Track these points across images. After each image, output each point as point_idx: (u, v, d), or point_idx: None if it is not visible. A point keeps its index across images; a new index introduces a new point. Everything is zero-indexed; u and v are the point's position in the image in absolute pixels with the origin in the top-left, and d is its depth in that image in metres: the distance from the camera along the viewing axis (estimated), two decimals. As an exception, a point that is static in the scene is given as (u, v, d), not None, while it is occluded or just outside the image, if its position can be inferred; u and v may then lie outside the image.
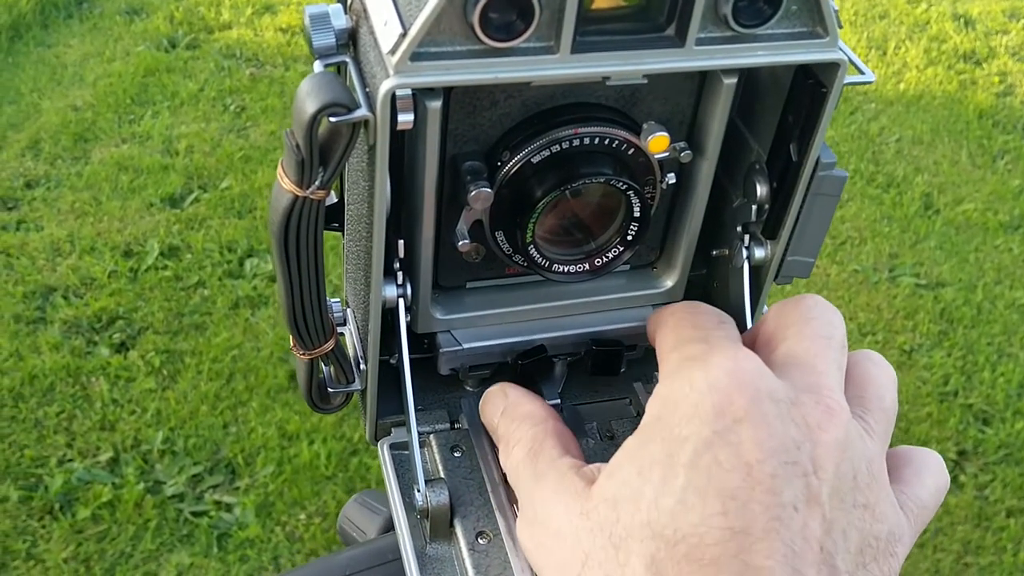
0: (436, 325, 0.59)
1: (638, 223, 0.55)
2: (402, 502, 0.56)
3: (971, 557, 1.95)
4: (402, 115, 0.47)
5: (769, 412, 0.42)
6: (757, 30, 0.47)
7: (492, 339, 0.60)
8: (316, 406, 0.57)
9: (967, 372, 2.31)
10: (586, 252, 0.57)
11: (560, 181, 0.52)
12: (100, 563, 1.82)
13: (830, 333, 0.48)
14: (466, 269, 0.58)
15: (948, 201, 2.80)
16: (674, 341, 0.48)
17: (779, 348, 0.48)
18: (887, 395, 0.48)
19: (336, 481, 1.97)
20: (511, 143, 0.52)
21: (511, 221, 0.54)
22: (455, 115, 0.51)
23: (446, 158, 0.52)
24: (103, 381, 2.14)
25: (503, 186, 0.52)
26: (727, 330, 0.49)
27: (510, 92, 0.51)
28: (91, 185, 2.64)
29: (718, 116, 0.53)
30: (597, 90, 0.52)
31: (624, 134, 0.53)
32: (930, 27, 3.55)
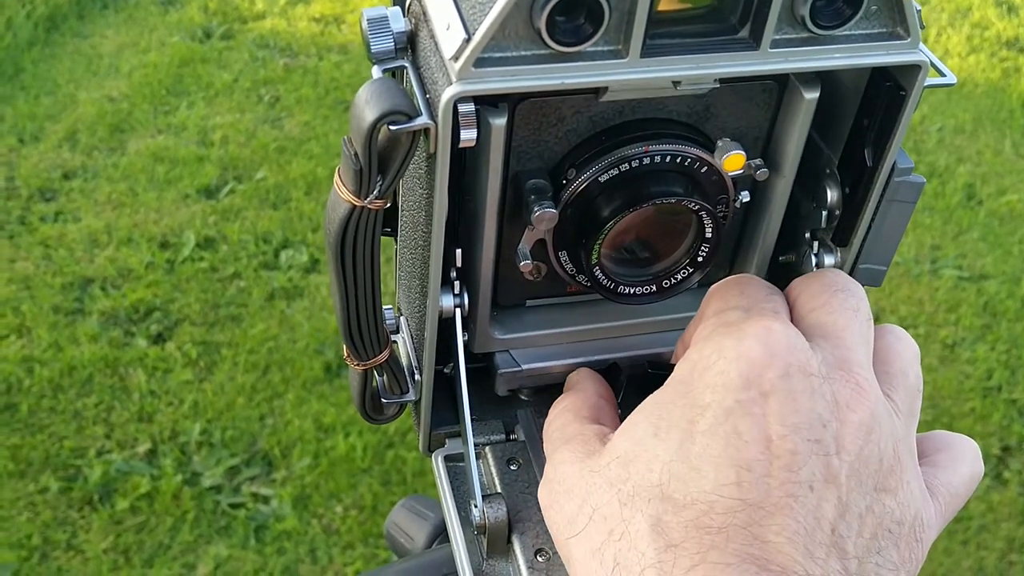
0: (495, 345, 0.57)
1: (710, 244, 0.53)
2: (458, 517, 0.55)
3: (1016, 555, 1.92)
4: (465, 132, 0.45)
5: (798, 387, 0.42)
6: (835, 31, 0.45)
7: (552, 359, 0.58)
8: (369, 417, 0.56)
9: (1011, 366, 2.27)
10: (653, 273, 0.55)
11: (629, 202, 0.49)
12: (139, 554, 1.83)
13: (856, 305, 0.47)
14: (526, 287, 0.56)
15: (991, 192, 2.76)
16: (717, 306, 0.48)
17: (806, 318, 0.47)
18: (911, 371, 0.47)
19: (372, 474, 1.97)
20: (577, 160, 0.50)
21: (576, 242, 0.52)
22: (520, 132, 0.49)
23: (509, 175, 0.50)
24: (141, 372, 2.14)
25: (568, 205, 0.50)
26: (774, 302, 0.47)
27: (578, 108, 0.49)
28: (127, 176, 2.65)
29: (796, 132, 0.51)
30: (668, 105, 0.50)
31: (697, 151, 0.50)
32: (972, 13, 3.49)
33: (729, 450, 0.40)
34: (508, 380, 0.58)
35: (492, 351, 0.58)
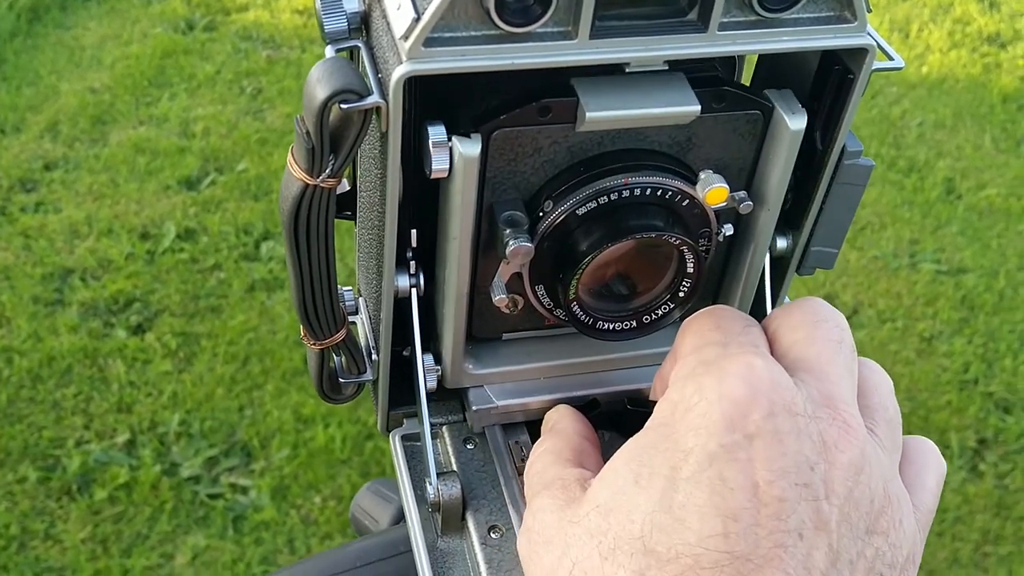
0: (469, 380, 0.56)
1: (692, 280, 0.52)
2: (413, 495, 0.55)
3: (990, 546, 1.93)
4: (436, 162, 0.45)
5: (784, 427, 0.40)
6: (783, 14, 0.46)
7: (529, 395, 0.56)
8: (327, 396, 0.57)
9: (988, 360, 2.28)
10: (633, 309, 0.53)
11: (608, 236, 0.48)
12: (117, 544, 1.83)
13: (840, 337, 0.45)
14: (502, 320, 0.54)
15: (971, 186, 2.77)
16: (693, 343, 0.46)
17: (789, 351, 0.45)
18: (890, 404, 0.46)
19: (351, 465, 1.97)
20: (554, 192, 0.49)
21: (553, 276, 0.50)
22: (494, 162, 0.47)
23: (483, 206, 0.49)
24: (120, 363, 2.14)
25: (545, 238, 0.49)
26: (752, 335, 0.46)
27: (555, 138, 0.47)
28: (109, 167, 2.64)
29: (782, 164, 0.50)
30: (649, 135, 0.49)
31: (679, 184, 0.49)
32: (954, 9, 3.51)
33: (714, 499, 0.38)
34: (482, 417, 0.56)
35: (466, 387, 0.56)
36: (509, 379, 0.56)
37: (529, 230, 0.48)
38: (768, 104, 0.50)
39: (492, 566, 0.52)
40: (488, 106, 0.48)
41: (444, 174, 0.45)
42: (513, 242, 0.47)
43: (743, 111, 0.49)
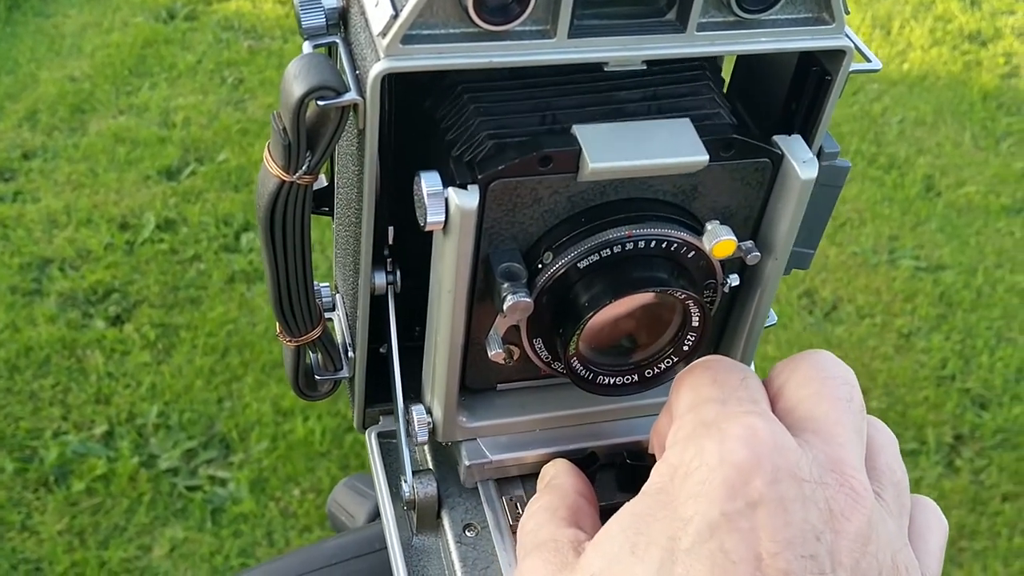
0: (462, 433, 0.53)
1: (697, 333, 0.50)
2: (389, 492, 0.55)
3: (965, 542, 1.95)
4: (431, 215, 0.43)
5: (788, 494, 0.38)
6: (761, 15, 0.46)
7: (524, 449, 0.54)
8: (303, 393, 0.56)
9: (965, 356, 2.30)
10: (635, 363, 0.51)
11: (610, 291, 0.46)
12: (94, 536, 1.82)
13: (849, 395, 0.43)
14: (497, 370, 0.52)
15: (950, 183, 2.79)
16: (690, 400, 0.43)
17: (795, 409, 0.43)
18: (896, 466, 0.44)
19: (330, 458, 1.97)
20: (554, 243, 0.46)
21: (551, 330, 0.48)
22: (491, 212, 0.45)
23: (479, 257, 0.47)
24: (98, 354, 2.13)
25: (544, 292, 0.47)
26: (750, 389, 0.43)
27: (555, 187, 0.46)
28: (88, 157, 2.62)
29: (791, 214, 0.48)
30: (653, 183, 0.47)
31: (684, 236, 0.47)
32: (935, 6, 3.52)
33: (715, 572, 0.36)
34: (476, 472, 0.54)
35: (459, 440, 0.54)
36: (504, 432, 0.54)
37: (528, 283, 0.46)
38: (778, 152, 0.48)
39: (467, 564, 0.52)
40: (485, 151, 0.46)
41: (439, 226, 0.44)
42: (511, 297, 0.45)
43: (752, 159, 0.48)
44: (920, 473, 2.04)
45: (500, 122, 0.47)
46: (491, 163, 0.44)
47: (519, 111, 0.48)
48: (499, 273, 0.46)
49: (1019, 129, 3.01)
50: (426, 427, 0.53)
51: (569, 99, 0.48)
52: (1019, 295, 2.46)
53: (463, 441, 0.54)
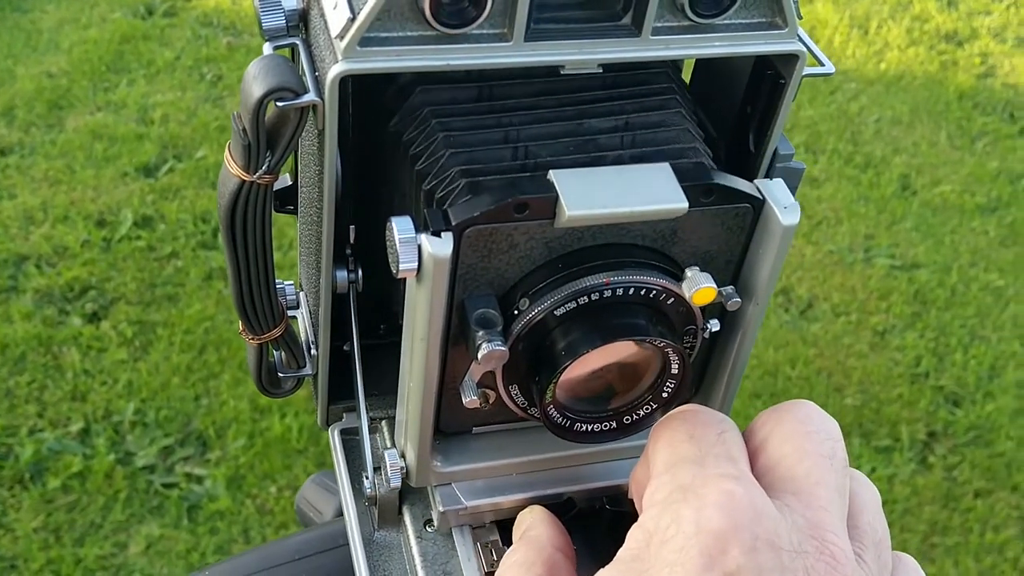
0: (436, 478, 0.52)
1: (676, 380, 0.49)
2: (351, 488, 0.56)
3: (938, 537, 1.97)
4: (404, 262, 0.42)
5: (766, 564, 0.37)
6: (715, 20, 0.46)
7: (500, 494, 0.53)
8: (266, 390, 0.57)
9: (939, 354, 2.32)
10: (613, 409, 0.50)
11: (589, 339, 0.45)
12: (70, 533, 1.82)
13: (832, 451, 0.42)
14: (471, 414, 0.51)
15: (925, 182, 2.81)
16: (666, 459, 0.42)
17: (776, 467, 0.42)
18: (879, 524, 0.43)
19: (307, 455, 1.97)
20: (530, 289, 0.45)
21: (527, 377, 0.47)
22: (466, 258, 0.44)
23: (453, 303, 0.45)
24: (75, 351, 2.12)
25: (520, 339, 0.46)
26: (727, 445, 0.42)
27: (531, 233, 0.44)
28: (65, 153, 2.61)
29: (772, 258, 0.47)
30: (631, 229, 0.46)
31: (664, 282, 0.46)
32: (913, 6, 3.55)
33: None
34: (450, 518, 0.53)
35: (433, 485, 0.53)
36: (479, 476, 0.53)
37: (503, 330, 0.45)
38: (759, 198, 0.47)
39: (427, 559, 0.53)
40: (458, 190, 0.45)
41: (412, 274, 0.43)
42: (486, 345, 0.44)
43: (733, 205, 0.47)
44: (894, 470, 2.06)
45: (472, 155, 0.46)
46: (465, 209, 0.43)
47: (489, 142, 0.47)
48: (474, 320, 0.45)
49: (994, 129, 3.04)
50: (399, 472, 0.52)
51: (539, 128, 0.47)
52: (993, 293, 2.48)
53: (437, 486, 0.53)
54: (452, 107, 0.48)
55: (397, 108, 0.49)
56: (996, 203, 2.76)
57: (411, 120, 0.48)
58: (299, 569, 0.64)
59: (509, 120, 0.48)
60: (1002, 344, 2.35)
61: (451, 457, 0.52)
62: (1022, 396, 2.24)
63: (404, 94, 0.49)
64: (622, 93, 0.50)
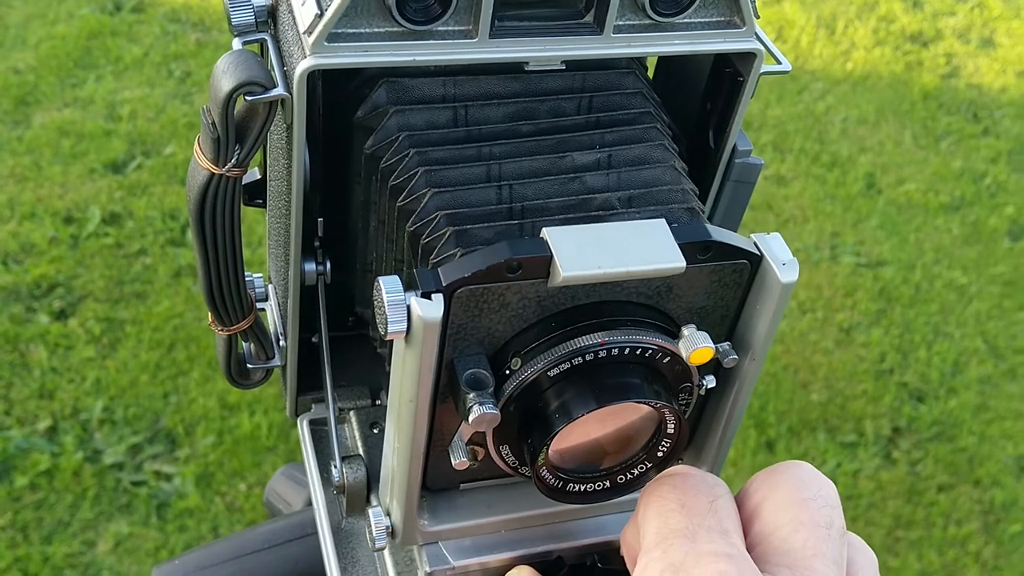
0: (423, 537, 0.51)
1: (672, 440, 0.47)
2: (320, 477, 0.57)
3: (902, 531, 1.99)
4: (392, 324, 0.41)
5: None
6: (675, 19, 0.48)
7: (488, 552, 0.51)
8: (235, 381, 0.58)
9: (903, 350, 2.35)
10: (607, 469, 0.48)
11: (583, 402, 0.43)
12: (38, 531, 1.81)
13: (829, 520, 0.41)
14: (460, 471, 0.49)
15: (891, 181, 2.84)
16: (658, 530, 0.41)
17: (771, 537, 0.40)
18: None
19: (277, 452, 1.97)
20: (523, 348, 0.44)
21: (519, 439, 0.46)
22: (456, 318, 0.43)
23: (443, 362, 0.44)
24: (42, 349, 2.11)
25: (512, 400, 0.44)
26: (719, 516, 0.41)
27: (523, 292, 0.43)
28: (32, 150, 2.59)
29: (770, 315, 0.46)
30: (626, 286, 0.44)
31: (660, 341, 0.45)
32: (879, 7, 3.59)
33: None
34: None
35: (419, 544, 0.51)
36: (467, 534, 0.51)
37: (495, 390, 0.43)
38: (756, 253, 0.46)
39: (394, 546, 0.53)
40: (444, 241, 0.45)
41: (401, 336, 0.41)
42: (478, 408, 0.42)
43: (730, 261, 0.45)
44: (858, 465, 2.09)
45: (455, 196, 0.45)
46: (456, 269, 0.42)
47: (471, 179, 0.46)
48: (464, 381, 0.43)
49: (958, 129, 3.08)
50: (384, 532, 0.50)
51: (521, 162, 0.47)
52: (956, 291, 2.52)
53: (423, 545, 0.51)
54: (429, 133, 0.47)
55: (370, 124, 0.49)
56: (959, 202, 2.80)
57: (388, 146, 0.48)
58: (269, 557, 0.65)
59: (490, 151, 0.47)
60: (965, 340, 2.39)
61: (438, 515, 0.51)
62: (984, 392, 2.28)
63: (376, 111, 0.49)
64: (600, 120, 0.49)
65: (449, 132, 0.48)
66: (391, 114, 0.49)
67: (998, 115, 3.16)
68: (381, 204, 0.50)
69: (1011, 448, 2.16)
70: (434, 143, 0.48)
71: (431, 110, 0.49)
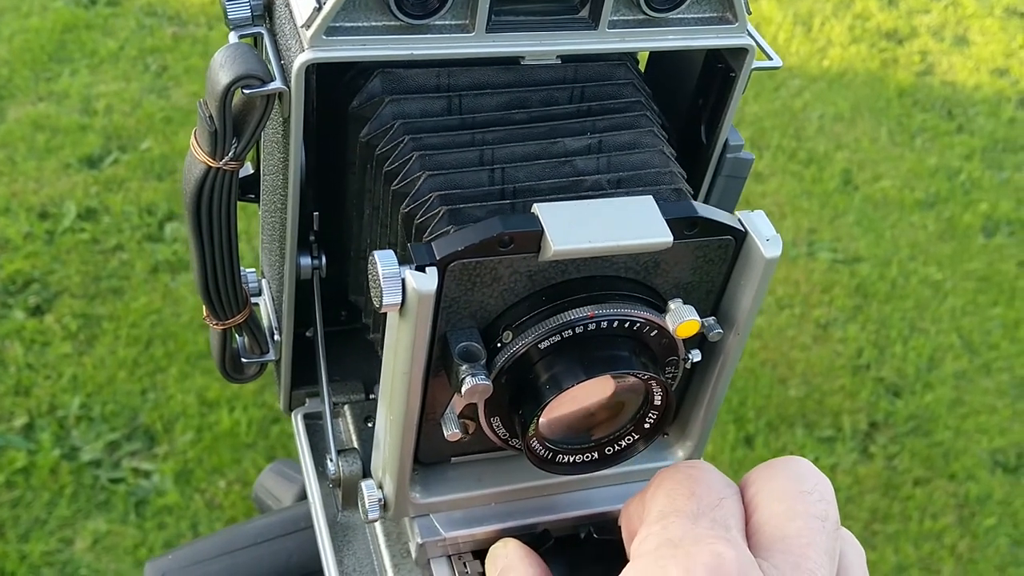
0: (414, 510, 0.52)
1: (659, 411, 0.49)
2: (315, 471, 0.57)
3: (879, 525, 2.01)
4: (388, 296, 0.42)
5: None
6: (669, 14, 0.48)
7: (480, 524, 0.52)
8: (229, 376, 0.57)
9: (880, 346, 2.37)
10: (596, 441, 0.50)
11: (572, 374, 0.45)
12: (14, 529, 1.80)
13: (824, 513, 0.41)
14: (451, 444, 0.50)
15: (867, 178, 2.87)
16: (663, 508, 0.41)
17: (766, 526, 0.41)
18: None
19: (257, 449, 1.97)
20: (514, 322, 0.45)
21: (510, 410, 0.47)
22: (449, 292, 0.44)
23: (435, 335, 0.45)
24: (18, 345, 2.09)
25: (503, 372, 0.45)
26: (725, 511, 0.41)
27: (515, 267, 0.44)
28: (6, 144, 2.57)
29: (754, 290, 0.47)
30: (615, 261, 0.46)
31: (647, 315, 0.46)
32: (855, 4, 3.61)
33: None
34: (429, 550, 0.52)
35: (411, 516, 0.52)
36: (458, 507, 0.52)
37: (486, 363, 0.45)
38: (741, 230, 0.47)
39: (391, 539, 0.54)
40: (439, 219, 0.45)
41: (396, 308, 0.42)
42: (470, 379, 0.44)
43: (715, 237, 0.47)
44: (836, 459, 2.11)
45: (449, 179, 0.46)
46: (449, 243, 0.43)
47: (465, 163, 0.47)
48: (457, 353, 0.44)
49: (933, 126, 3.11)
50: (377, 504, 0.51)
51: (513, 148, 0.48)
52: (931, 287, 2.54)
53: (415, 518, 0.52)
54: (424, 121, 0.48)
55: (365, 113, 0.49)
56: (934, 198, 2.83)
57: (383, 133, 0.48)
58: (262, 552, 0.65)
59: (483, 137, 0.48)
60: (940, 336, 2.41)
61: (430, 488, 0.52)
62: (959, 387, 2.30)
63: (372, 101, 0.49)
64: (592, 108, 0.50)
65: (443, 120, 0.49)
66: (386, 103, 0.49)
67: (972, 112, 3.20)
68: (376, 191, 0.50)
69: (986, 442, 2.19)
70: (428, 130, 0.48)
71: (426, 99, 0.49)
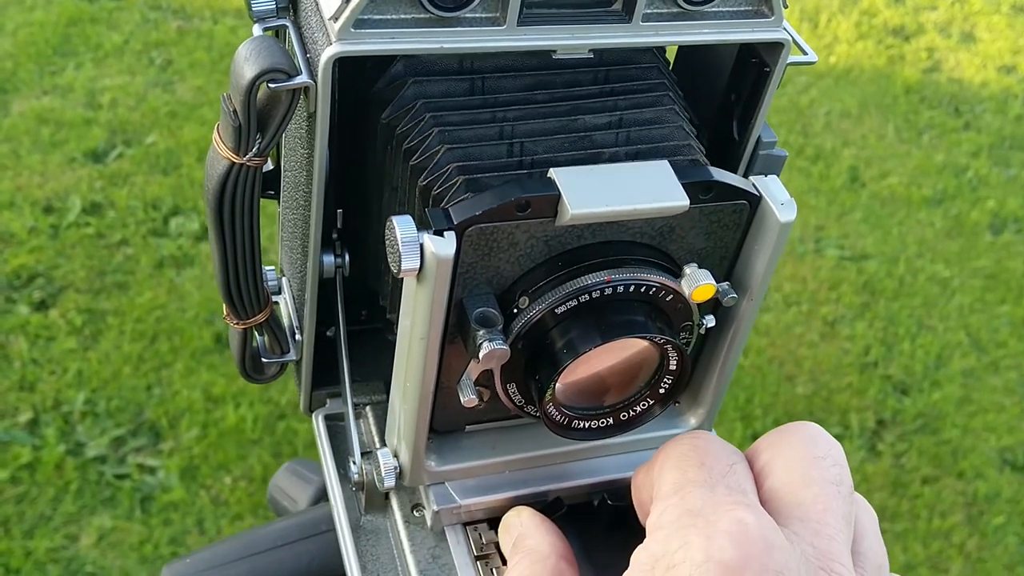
0: (429, 478, 0.52)
1: (674, 376, 0.49)
2: (336, 474, 0.56)
3: (887, 523, 2.00)
4: (406, 260, 0.41)
5: None
6: (704, 7, 0.47)
7: (494, 492, 0.52)
8: (249, 376, 0.56)
9: (887, 343, 2.36)
10: (611, 406, 0.50)
11: (589, 338, 0.45)
12: (19, 525, 1.79)
13: (839, 477, 0.41)
14: (466, 412, 0.50)
15: (874, 175, 2.85)
16: (675, 480, 0.41)
17: (782, 492, 0.41)
18: (878, 547, 0.43)
19: (263, 445, 1.96)
20: (530, 287, 0.45)
21: (526, 376, 0.47)
22: (466, 257, 0.44)
23: (452, 301, 0.45)
24: (22, 340, 2.08)
25: (519, 338, 0.45)
26: (738, 476, 0.42)
27: (532, 232, 0.44)
28: (10, 138, 2.56)
29: (768, 254, 0.47)
30: (630, 226, 0.46)
31: (662, 279, 0.46)
32: (861, 1, 3.60)
33: None
34: (444, 517, 0.52)
35: (426, 484, 0.52)
36: (473, 475, 0.53)
37: (503, 328, 0.45)
38: (756, 194, 0.47)
39: (415, 543, 0.53)
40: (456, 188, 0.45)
41: (414, 273, 0.42)
42: (487, 344, 0.44)
43: (730, 202, 0.47)
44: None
45: (467, 151, 0.46)
46: (467, 207, 0.43)
47: (484, 137, 0.47)
48: (474, 319, 0.45)
49: (940, 123, 3.10)
50: (393, 472, 0.51)
51: (533, 123, 0.47)
52: (939, 284, 2.53)
53: (430, 485, 0.52)
54: (446, 100, 0.48)
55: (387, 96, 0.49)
56: (942, 195, 2.82)
57: (404, 113, 0.48)
58: (282, 555, 0.64)
59: (504, 115, 0.48)
60: (948, 334, 2.40)
61: (445, 456, 0.52)
62: (967, 385, 2.29)
63: (394, 83, 0.49)
64: (615, 88, 0.49)
65: (466, 100, 0.49)
66: (409, 84, 0.48)
67: (979, 109, 3.18)
68: (395, 171, 0.50)
69: (994, 440, 2.18)
70: (450, 108, 0.48)
71: (449, 81, 0.49)
